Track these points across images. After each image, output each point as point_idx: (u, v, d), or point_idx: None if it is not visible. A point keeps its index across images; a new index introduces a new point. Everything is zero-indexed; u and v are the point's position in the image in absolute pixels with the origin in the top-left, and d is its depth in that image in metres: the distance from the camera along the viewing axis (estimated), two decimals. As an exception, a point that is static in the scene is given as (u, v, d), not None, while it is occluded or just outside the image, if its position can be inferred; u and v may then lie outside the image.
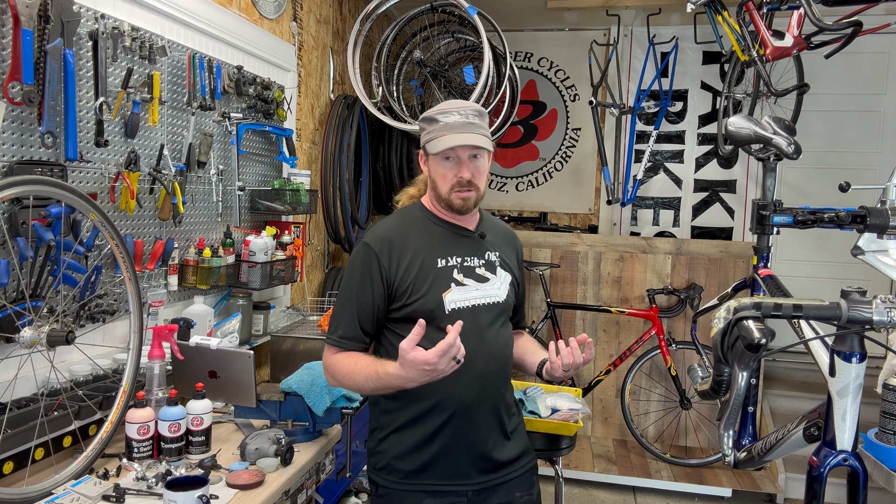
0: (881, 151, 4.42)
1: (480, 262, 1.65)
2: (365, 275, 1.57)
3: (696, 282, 4.02)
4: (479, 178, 1.60)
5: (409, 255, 1.58)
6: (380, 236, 1.60)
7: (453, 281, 1.59)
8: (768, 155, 2.28)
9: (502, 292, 1.66)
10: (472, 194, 1.59)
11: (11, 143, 1.60)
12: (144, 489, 1.51)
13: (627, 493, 3.71)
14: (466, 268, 1.62)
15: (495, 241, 1.71)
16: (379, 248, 1.58)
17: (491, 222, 1.78)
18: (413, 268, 1.57)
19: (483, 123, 1.59)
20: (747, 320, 1.25)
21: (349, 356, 1.54)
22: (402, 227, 1.64)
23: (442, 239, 1.63)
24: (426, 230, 1.64)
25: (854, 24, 2.69)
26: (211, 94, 2.33)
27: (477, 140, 1.54)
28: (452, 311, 1.56)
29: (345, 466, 2.20)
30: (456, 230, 1.65)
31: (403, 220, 1.67)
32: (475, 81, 3.55)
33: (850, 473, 1.34)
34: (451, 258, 1.61)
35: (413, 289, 1.56)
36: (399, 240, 1.59)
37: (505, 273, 1.68)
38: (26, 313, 1.50)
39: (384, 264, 1.56)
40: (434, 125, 1.58)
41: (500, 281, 1.66)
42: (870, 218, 1.82)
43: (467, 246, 1.65)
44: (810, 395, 4.02)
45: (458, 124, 1.55)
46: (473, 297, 1.60)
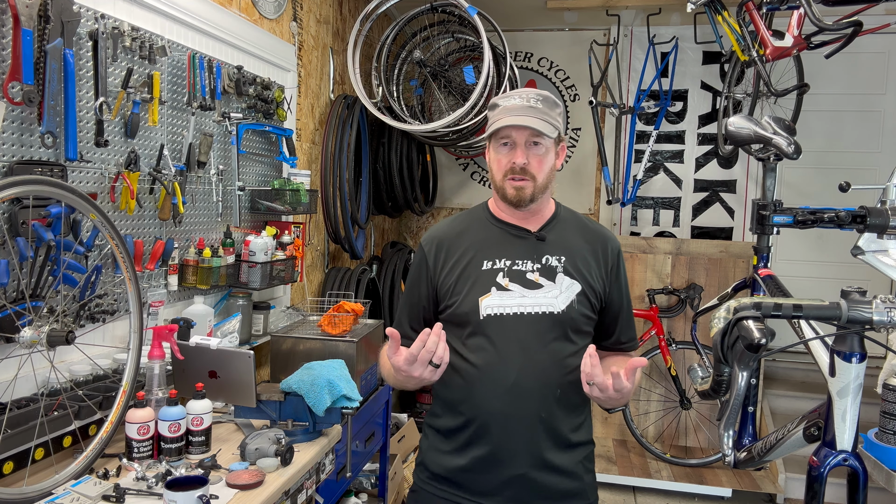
0: (881, 151, 4.42)
1: (535, 266, 1.50)
2: (416, 277, 1.58)
3: (696, 282, 4.02)
4: (537, 166, 1.48)
5: (457, 255, 1.53)
6: (432, 236, 1.58)
7: (495, 285, 1.48)
8: (768, 155, 2.28)
9: (561, 302, 1.47)
10: (528, 184, 1.47)
11: (11, 143, 1.60)
12: (144, 489, 1.51)
13: (627, 493, 3.71)
14: (515, 272, 1.49)
15: (567, 243, 1.54)
16: (428, 249, 1.56)
17: (571, 223, 1.61)
18: (457, 269, 1.51)
19: (549, 110, 1.48)
20: (747, 320, 1.25)
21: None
22: (457, 226, 1.59)
23: (494, 240, 1.54)
24: (481, 230, 1.56)
25: (854, 24, 2.69)
26: (211, 94, 2.33)
27: (532, 122, 1.43)
28: (488, 318, 1.46)
29: (345, 466, 2.20)
30: (512, 231, 1.55)
31: (462, 218, 1.62)
32: (475, 81, 3.55)
33: (850, 473, 1.34)
34: (498, 261, 1.50)
35: (453, 291, 1.50)
36: (450, 239, 1.55)
37: (570, 281, 1.50)
38: (26, 313, 1.50)
39: (430, 265, 1.54)
40: (495, 110, 1.51)
41: (558, 289, 1.49)
42: (870, 218, 1.82)
43: (521, 248, 1.52)
44: (810, 395, 4.02)
45: (517, 107, 1.47)
46: (517, 304, 1.46)
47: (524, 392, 1.45)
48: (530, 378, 1.45)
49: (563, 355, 1.47)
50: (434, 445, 1.57)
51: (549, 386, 1.46)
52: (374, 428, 2.68)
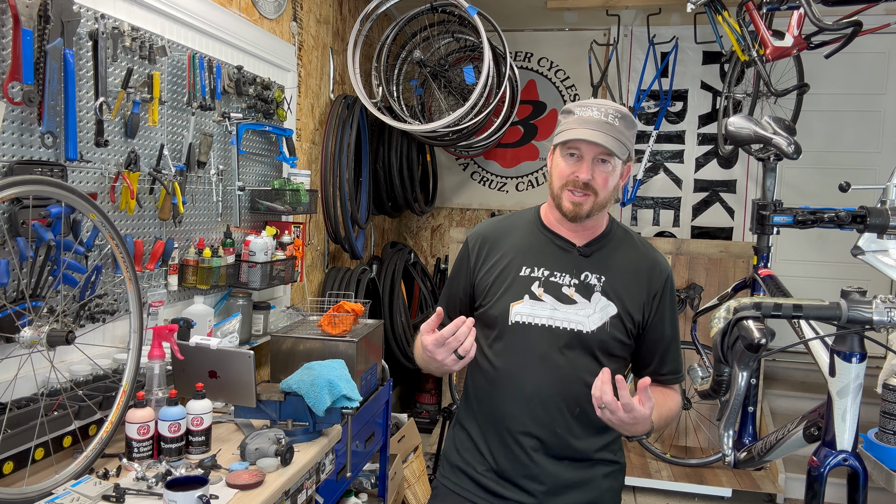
0: (881, 151, 4.42)
1: (572, 281, 1.47)
2: (457, 269, 1.59)
3: (696, 282, 4.02)
4: (601, 183, 1.42)
5: (498, 255, 1.52)
6: (479, 232, 1.59)
7: (528, 293, 1.46)
8: (768, 155, 2.28)
9: (591, 322, 1.44)
10: (588, 199, 1.43)
11: (11, 143, 1.60)
12: (144, 489, 1.51)
13: (627, 493, 3.70)
14: (551, 283, 1.47)
15: (611, 263, 1.50)
16: (473, 244, 1.57)
17: (621, 243, 1.55)
18: (495, 270, 1.51)
19: (626, 129, 1.42)
20: (747, 320, 1.25)
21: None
22: (505, 227, 1.58)
23: (537, 247, 1.51)
24: (527, 235, 1.54)
25: (854, 24, 2.69)
26: (211, 94, 2.33)
27: (604, 140, 1.38)
28: (516, 325, 1.45)
29: (345, 466, 2.20)
30: (557, 241, 1.51)
31: (511, 219, 1.61)
32: (475, 81, 3.55)
33: (850, 473, 1.34)
34: (537, 269, 1.48)
35: (488, 291, 1.50)
36: (495, 238, 1.55)
37: (606, 302, 1.45)
38: (26, 313, 1.50)
39: (472, 261, 1.55)
40: (569, 118, 1.45)
41: (592, 308, 1.45)
42: (870, 218, 1.82)
43: (562, 261, 1.49)
44: (810, 395, 4.02)
45: (594, 121, 1.41)
46: (547, 316, 1.44)
47: (541, 404, 1.44)
48: (547, 391, 1.44)
49: (587, 373, 1.42)
50: (456, 441, 1.60)
51: (567, 402, 1.44)
52: (374, 428, 2.68)
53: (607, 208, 1.51)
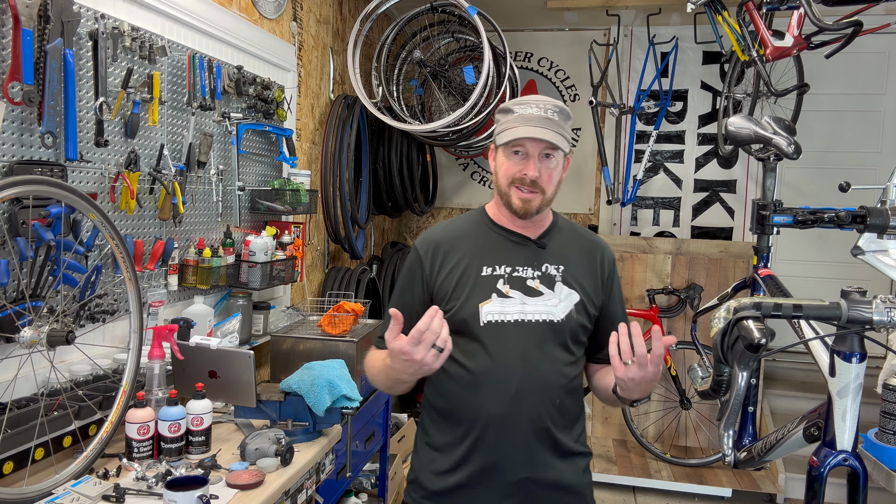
0: (881, 151, 4.42)
1: (535, 273, 1.48)
2: (409, 279, 1.53)
3: (696, 282, 4.02)
4: (547, 179, 1.45)
5: (455, 259, 1.49)
6: (428, 239, 1.54)
7: (495, 291, 1.45)
8: (768, 155, 2.28)
9: (560, 311, 1.46)
10: (537, 197, 1.45)
11: (11, 143, 1.60)
12: (144, 489, 1.51)
13: (627, 493, 3.71)
14: (515, 279, 1.47)
15: (565, 253, 1.53)
16: (424, 252, 1.52)
17: (568, 232, 1.59)
18: (455, 273, 1.48)
19: (564, 123, 1.45)
20: (747, 320, 1.25)
21: (376, 352, 1.50)
22: (455, 231, 1.55)
23: (494, 246, 1.51)
24: (479, 235, 1.53)
25: (854, 24, 2.69)
26: (211, 94, 2.33)
27: (549, 136, 1.40)
28: (489, 325, 1.44)
29: (345, 466, 2.20)
30: (512, 237, 1.52)
31: (459, 222, 1.58)
32: (475, 81, 3.55)
33: (850, 473, 1.34)
34: (498, 267, 1.48)
35: (451, 296, 1.46)
36: (448, 243, 1.52)
37: (568, 290, 1.48)
38: (26, 313, 1.50)
39: (426, 269, 1.50)
40: (508, 116, 1.46)
41: (557, 298, 1.47)
42: (870, 218, 1.82)
43: (522, 255, 1.50)
44: (810, 395, 4.02)
45: (534, 117, 1.42)
46: (518, 311, 1.45)
47: (526, 399, 1.43)
48: (531, 386, 1.43)
49: (562, 364, 1.47)
50: (429, 463, 1.51)
51: (549, 394, 1.45)
52: (374, 428, 2.68)
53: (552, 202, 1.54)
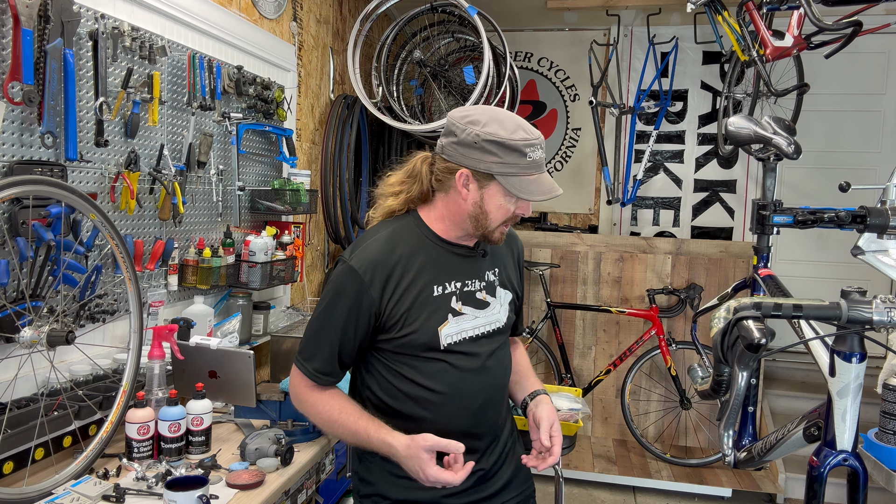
0: (881, 151, 4.42)
1: (481, 285, 1.47)
2: (350, 307, 1.36)
3: (696, 282, 4.02)
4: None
5: (405, 282, 1.38)
6: (369, 260, 1.37)
7: (450, 311, 1.40)
8: (768, 155, 2.28)
9: (503, 315, 1.50)
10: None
11: (11, 143, 1.60)
12: (144, 489, 1.51)
13: (627, 493, 3.71)
14: (466, 294, 1.44)
15: (496, 255, 1.53)
16: (369, 277, 1.35)
17: None
18: (407, 297, 1.37)
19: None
20: (747, 320, 1.25)
21: (331, 399, 1.39)
22: (395, 248, 1.39)
23: (441, 262, 1.43)
24: (427, 252, 1.42)
25: (854, 24, 2.69)
26: (211, 94, 2.33)
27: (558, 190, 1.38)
28: (449, 346, 1.40)
29: (345, 466, 2.20)
30: (455, 250, 1.45)
31: (396, 238, 1.42)
32: (475, 81, 3.55)
33: (850, 473, 1.34)
34: (448, 284, 1.42)
35: (405, 321, 1.37)
36: (391, 264, 1.38)
37: (505, 292, 1.52)
38: (26, 313, 1.50)
39: (374, 296, 1.35)
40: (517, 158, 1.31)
41: (499, 303, 1.50)
42: (870, 218, 1.82)
43: (467, 268, 1.45)
44: (810, 395, 4.02)
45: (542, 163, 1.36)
46: (472, 326, 1.43)
47: (489, 408, 1.48)
48: (494, 393, 1.49)
49: (507, 361, 1.55)
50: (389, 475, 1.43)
51: (503, 391, 1.55)
52: (374, 428, 2.67)
53: None
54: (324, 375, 1.39)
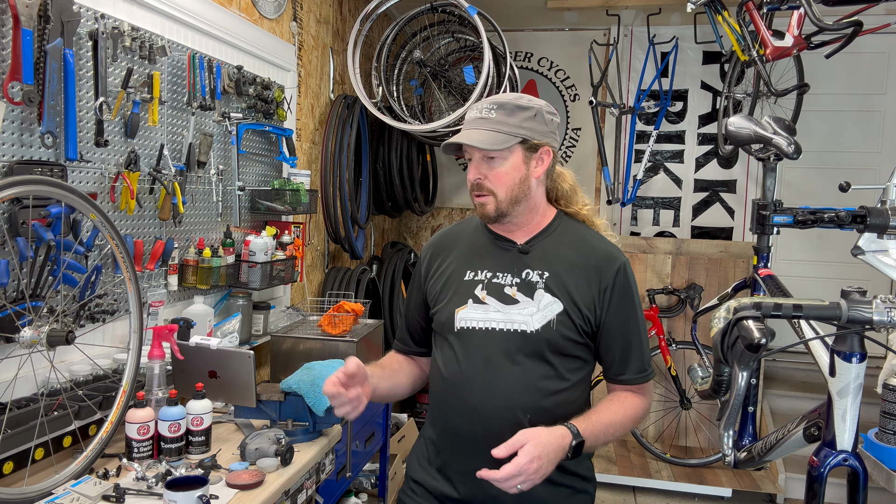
0: (881, 151, 4.42)
1: (514, 280, 1.40)
2: (414, 281, 1.58)
3: (696, 282, 4.02)
4: (496, 181, 1.38)
5: (448, 262, 1.49)
6: (431, 243, 1.57)
7: (472, 297, 1.41)
8: (768, 155, 2.28)
9: (535, 321, 1.35)
10: (489, 200, 1.39)
11: (11, 143, 1.60)
12: (144, 489, 1.51)
13: (627, 493, 3.70)
14: (494, 285, 1.41)
15: (554, 259, 1.41)
16: (424, 255, 1.56)
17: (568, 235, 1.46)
18: (444, 276, 1.48)
19: (505, 117, 1.37)
20: (747, 320, 1.25)
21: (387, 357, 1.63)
22: (454, 233, 1.56)
23: (481, 249, 1.47)
24: (473, 238, 1.51)
25: (854, 24, 2.69)
26: (211, 94, 2.32)
27: (472, 137, 1.36)
28: (461, 331, 1.40)
29: (345, 466, 2.20)
30: (499, 241, 1.46)
31: (461, 225, 1.58)
32: (475, 81, 3.55)
33: (850, 473, 1.34)
34: (480, 272, 1.43)
35: (438, 298, 1.47)
36: (445, 246, 1.53)
37: (551, 299, 1.37)
38: (26, 313, 1.50)
39: (424, 270, 1.53)
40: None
41: (535, 307, 1.36)
42: (870, 218, 1.82)
43: (504, 260, 1.43)
44: (810, 395, 4.02)
45: (471, 120, 1.40)
46: (490, 319, 1.38)
47: (486, 414, 1.35)
48: (492, 399, 1.35)
49: (536, 377, 1.35)
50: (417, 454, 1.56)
51: (514, 409, 1.33)
52: (374, 428, 2.68)
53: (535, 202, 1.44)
54: (399, 342, 1.63)
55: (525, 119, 1.39)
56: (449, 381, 1.43)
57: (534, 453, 1.18)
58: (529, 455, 1.18)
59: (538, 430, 1.24)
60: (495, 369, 1.36)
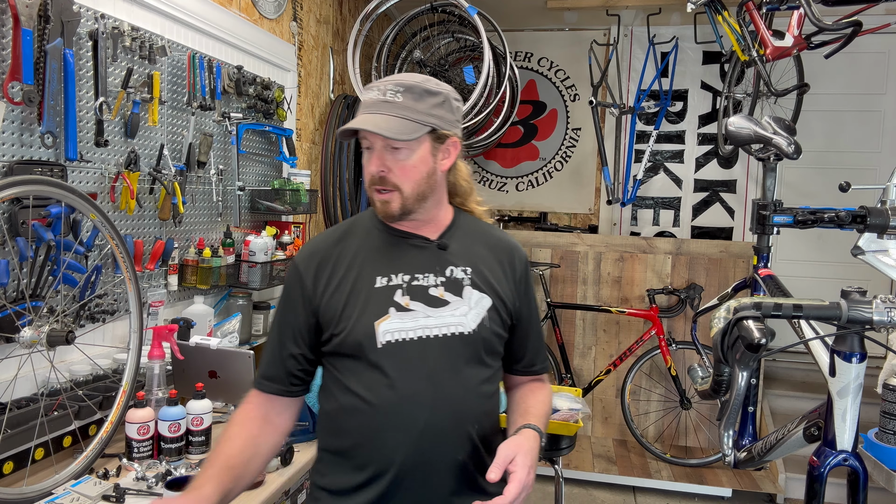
0: (881, 151, 4.42)
1: (438, 280, 1.26)
2: (288, 302, 1.27)
3: (696, 282, 4.02)
4: (400, 175, 1.22)
5: (342, 271, 1.25)
6: (310, 251, 1.28)
7: (393, 305, 1.21)
8: (768, 155, 2.28)
9: (471, 320, 1.24)
10: (393, 196, 1.23)
11: (11, 143, 1.60)
12: (144, 489, 1.51)
13: (627, 493, 3.70)
14: (416, 288, 1.24)
15: (472, 252, 1.32)
16: (304, 266, 1.26)
17: (473, 230, 1.37)
18: (343, 288, 1.23)
19: (415, 103, 1.21)
20: (747, 320, 1.25)
21: (235, 418, 1.24)
22: (340, 238, 1.30)
23: (387, 251, 1.28)
24: (369, 239, 1.30)
25: (854, 24, 2.69)
26: (211, 94, 2.33)
27: (377, 124, 1.18)
28: (388, 346, 1.19)
29: (345, 466, 2.20)
30: (408, 239, 1.29)
31: (346, 228, 1.34)
32: (475, 81, 3.55)
33: (850, 473, 1.34)
34: (394, 276, 1.24)
35: (341, 316, 1.21)
36: (332, 254, 1.27)
37: (479, 295, 1.27)
38: (26, 313, 1.50)
39: (308, 286, 1.24)
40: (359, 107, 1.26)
41: (468, 305, 1.25)
42: (870, 218, 1.82)
43: (421, 260, 1.27)
44: (810, 395, 4.02)
45: (372, 103, 1.21)
46: (423, 326, 1.21)
47: (438, 434, 1.19)
48: (444, 416, 1.20)
49: (477, 382, 1.25)
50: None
51: (465, 422, 1.22)
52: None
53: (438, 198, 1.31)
54: (267, 381, 1.26)
55: (434, 106, 1.23)
56: (381, 410, 1.19)
57: (528, 463, 1.13)
58: (526, 467, 1.12)
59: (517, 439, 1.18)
60: (440, 382, 1.20)
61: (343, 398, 1.22)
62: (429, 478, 1.20)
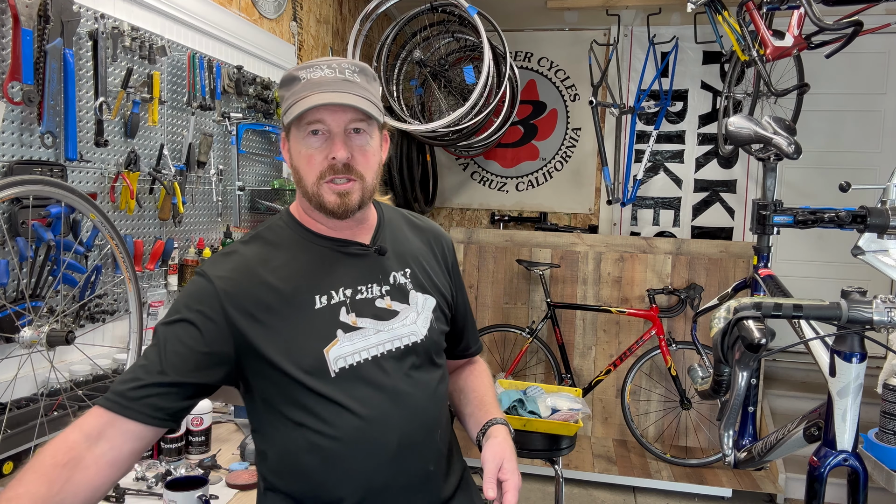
0: (881, 151, 4.42)
1: (383, 289, 1.16)
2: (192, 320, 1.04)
3: (697, 282, 4.02)
4: (364, 162, 1.10)
5: (273, 294, 1.08)
6: (225, 278, 1.07)
7: (340, 326, 1.09)
8: (768, 155, 2.28)
9: (421, 326, 1.17)
10: (355, 186, 1.10)
11: (11, 143, 1.60)
12: (144, 489, 1.51)
13: (627, 493, 3.70)
14: (361, 302, 1.12)
15: (406, 251, 1.23)
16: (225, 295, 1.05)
17: (399, 223, 1.28)
18: (279, 317, 1.07)
19: (369, 85, 1.12)
20: (747, 320, 1.25)
21: (49, 449, 0.94)
22: (257, 257, 1.11)
23: (320, 264, 1.13)
24: (296, 253, 1.13)
25: (854, 23, 2.69)
26: (211, 94, 2.33)
27: (357, 101, 1.06)
28: (342, 372, 1.07)
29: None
30: (341, 247, 1.15)
31: (263, 240, 1.15)
32: (475, 81, 3.55)
33: (850, 473, 1.34)
34: (334, 293, 1.11)
35: (288, 349, 1.06)
36: (255, 277, 1.08)
37: (423, 297, 1.20)
38: (26, 313, 1.50)
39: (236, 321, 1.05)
40: (294, 86, 1.10)
41: (415, 310, 1.18)
42: (870, 218, 1.82)
43: (360, 269, 1.15)
44: (810, 395, 4.02)
45: (329, 81, 1.08)
46: (375, 343, 1.11)
47: (412, 449, 1.12)
48: (415, 431, 1.12)
49: (434, 385, 1.19)
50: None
51: (432, 430, 1.17)
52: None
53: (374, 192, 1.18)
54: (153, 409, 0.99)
55: (377, 91, 1.16)
56: (348, 441, 1.08)
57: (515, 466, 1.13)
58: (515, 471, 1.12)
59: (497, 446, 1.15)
60: (404, 397, 1.12)
61: (296, 436, 1.08)
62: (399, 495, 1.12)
